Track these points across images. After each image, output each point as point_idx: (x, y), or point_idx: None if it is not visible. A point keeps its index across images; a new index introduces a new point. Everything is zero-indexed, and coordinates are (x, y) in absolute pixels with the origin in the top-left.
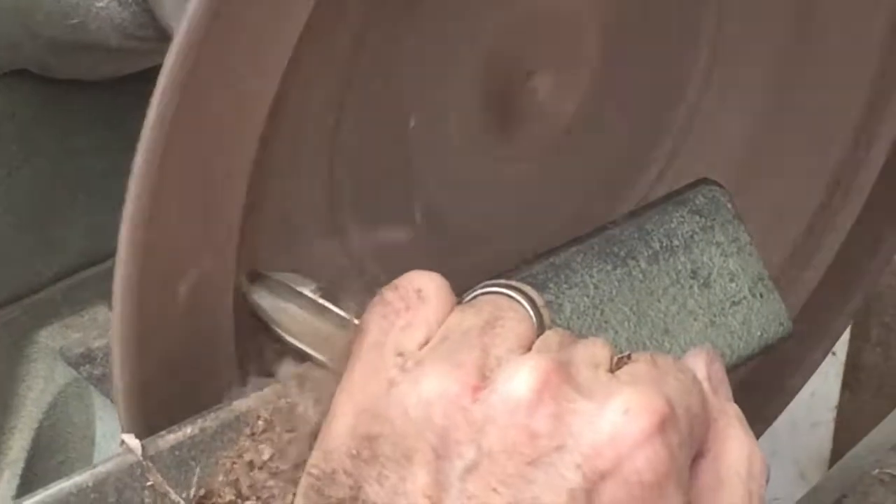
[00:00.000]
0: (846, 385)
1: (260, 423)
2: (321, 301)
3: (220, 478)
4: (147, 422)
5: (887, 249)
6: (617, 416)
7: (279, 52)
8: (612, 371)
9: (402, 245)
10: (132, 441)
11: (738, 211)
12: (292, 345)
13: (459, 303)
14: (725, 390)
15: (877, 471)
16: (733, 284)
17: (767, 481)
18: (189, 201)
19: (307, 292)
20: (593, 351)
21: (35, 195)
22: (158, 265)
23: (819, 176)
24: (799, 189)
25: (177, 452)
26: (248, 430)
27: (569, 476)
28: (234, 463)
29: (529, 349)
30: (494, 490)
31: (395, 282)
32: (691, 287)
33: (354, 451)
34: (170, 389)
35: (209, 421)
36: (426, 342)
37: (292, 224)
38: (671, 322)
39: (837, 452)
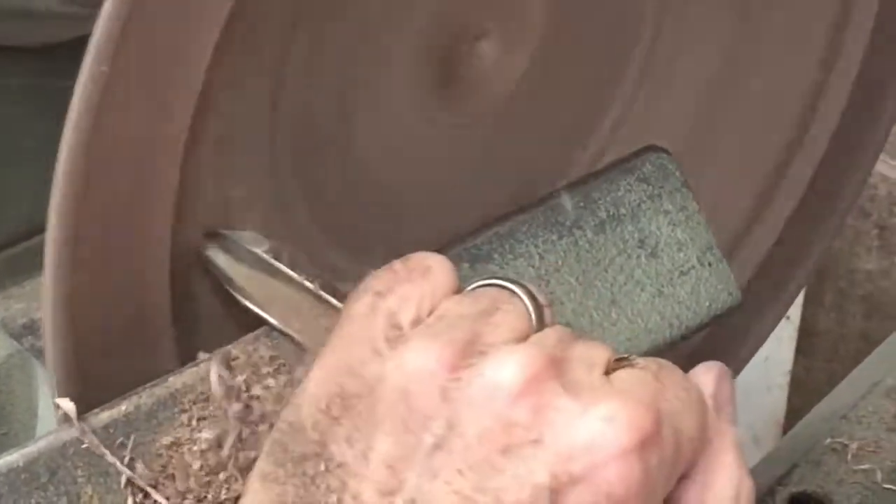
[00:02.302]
0: (800, 349)
1: (195, 408)
2: (273, 261)
3: (158, 468)
4: (82, 400)
5: (840, 213)
6: (598, 423)
7: (213, 14)
8: (608, 373)
9: (346, 217)
10: (66, 404)
11: (686, 179)
12: (243, 304)
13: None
14: (730, 411)
15: (829, 440)
16: (681, 254)
17: None
18: (121, 170)
19: (260, 252)
20: (591, 352)
21: None
22: (90, 235)
23: (770, 143)
24: (750, 156)
25: (111, 430)
26: (185, 418)
27: (537, 472)
28: (171, 455)
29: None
30: (460, 472)
31: (408, 256)
32: (639, 257)
33: (324, 406)
34: (104, 366)
35: (144, 398)
36: (419, 319)
37: (234, 194)
38: (618, 293)
39: (791, 417)
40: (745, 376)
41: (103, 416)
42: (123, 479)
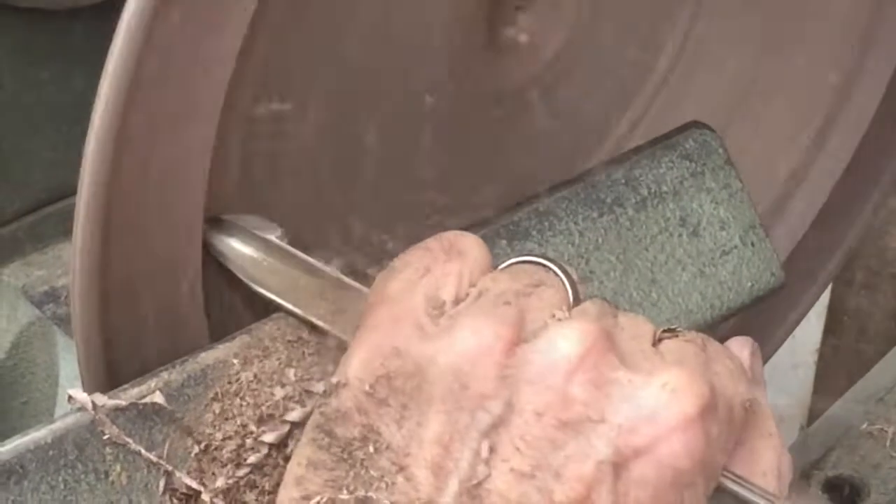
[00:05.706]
0: (828, 328)
1: (226, 399)
2: (287, 247)
3: (192, 465)
4: (110, 372)
5: (881, 190)
6: (660, 394)
7: None
8: (654, 344)
9: (368, 187)
10: (80, 395)
11: (729, 156)
12: (258, 293)
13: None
14: (763, 385)
15: (866, 424)
16: (724, 233)
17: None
18: (157, 139)
19: (272, 238)
20: (635, 323)
21: None
22: (123, 204)
23: (808, 120)
24: (788, 132)
25: (140, 407)
26: (216, 407)
27: (599, 447)
28: (199, 454)
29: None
30: (518, 449)
31: (441, 234)
32: (680, 235)
33: (368, 388)
34: (135, 340)
35: (174, 374)
36: (458, 297)
37: (260, 166)
38: (659, 272)
39: (818, 396)
40: None
41: (132, 392)
42: (154, 464)
